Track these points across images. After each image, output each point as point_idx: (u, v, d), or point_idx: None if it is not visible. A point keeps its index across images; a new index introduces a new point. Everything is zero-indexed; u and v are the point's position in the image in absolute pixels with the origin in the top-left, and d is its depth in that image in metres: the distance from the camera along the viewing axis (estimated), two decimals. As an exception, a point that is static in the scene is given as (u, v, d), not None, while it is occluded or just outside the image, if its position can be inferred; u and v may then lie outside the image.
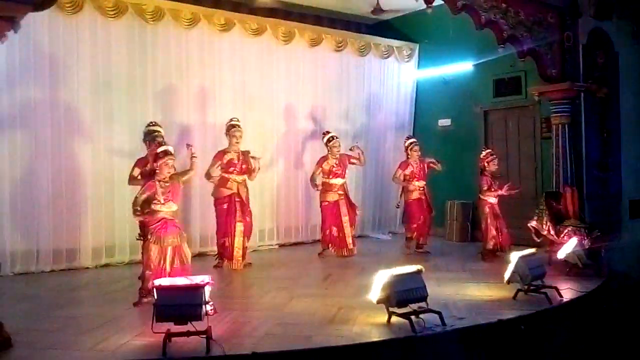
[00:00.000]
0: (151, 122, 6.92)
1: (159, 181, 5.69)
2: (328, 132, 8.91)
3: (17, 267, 7.40)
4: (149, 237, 5.64)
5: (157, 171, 5.73)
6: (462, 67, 10.40)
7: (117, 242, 8.12)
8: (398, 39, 11.31)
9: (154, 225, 5.64)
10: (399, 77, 11.39)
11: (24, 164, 7.57)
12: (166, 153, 5.74)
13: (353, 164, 8.98)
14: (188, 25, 8.70)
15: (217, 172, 7.68)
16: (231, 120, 7.97)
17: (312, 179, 8.78)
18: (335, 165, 8.65)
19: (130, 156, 7.20)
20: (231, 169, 7.77)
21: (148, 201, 5.73)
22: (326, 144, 8.73)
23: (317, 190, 8.78)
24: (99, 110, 8.11)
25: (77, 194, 7.88)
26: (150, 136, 6.62)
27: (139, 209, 5.70)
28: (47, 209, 7.66)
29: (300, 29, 10.04)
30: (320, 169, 8.69)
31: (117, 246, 8.12)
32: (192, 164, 6.08)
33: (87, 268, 7.83)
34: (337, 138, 8.77)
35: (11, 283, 6.58)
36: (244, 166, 7.87)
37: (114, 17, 8.05)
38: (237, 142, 7.85)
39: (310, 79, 10.29)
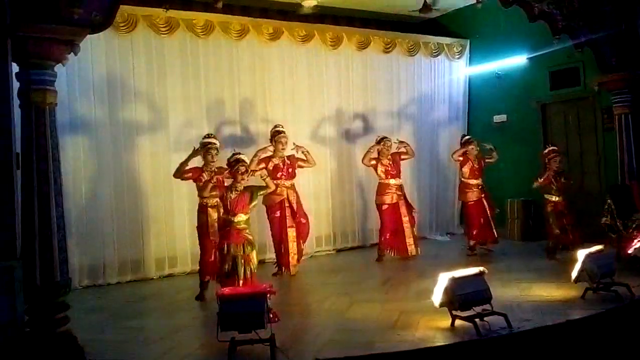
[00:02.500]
0: (207, 135, 7.10)
1: (230, 189, 5.74)
2: (379, 135, 8.87)
3: (85, 281, 7.67)
4: (219, 247, 5.69)
5: (232, 179, 5.77)
6: (516, 60, 10.13)
7: (179, 253, 8.30)
8: (448, 37, 11.15)
9: (222, 234, 5.70)
10: (450, 75, 11.22)
11: (87, 179, 7.84)
12: (238, 161, 5.79)
13: (404, 159, 8.87)
14: (237, 36, 8.84)
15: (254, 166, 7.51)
16: (275, 127, 8.05)
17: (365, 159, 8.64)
18: (389, 165, 8.58)
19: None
20: (279, 174, 7.82)
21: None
22: (378, 143, 8.66)
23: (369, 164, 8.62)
24: (156, 124, 8.33)
25: (138, 207, 8.11)
26: (205, 148, 6.79)
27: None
28: (111, 222, 7.91)
29: (348, 32, 10.03)
30: (374, 162, 8.58)
31: (179, 257, 8.30)
32: (268, 183, 6.15)
33: (151, 279, 8.03)
34: (387, 138, 8.71)
35: (80, 296, 6.81)
36: (290, 170, 7.93)
37: (167, 33, 8.26)
38: (283, 149, 7.91)
39: (360, 82, 10.25)
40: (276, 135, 7.91)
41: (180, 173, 6.81)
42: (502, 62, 10.41)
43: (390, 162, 8.60)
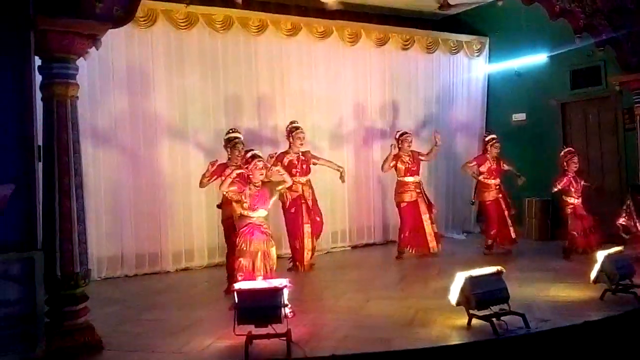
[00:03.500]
0: (231, 129, 7.12)
1: (249, 184, 5.78)
2: (399, 130, 8.84)
3: (104, 272, 7.76)
4: (238, 242, 5.73)
5: (249, 175, 5.81)
6: (536, 59, 10.03)
7: (196, 246, 8.36)
8: (467, 34, 11.07)
9: (241, 230, 5.73)
10: (469, 73, 11.15)
11: (107, 173, 7.92)
12: (254, 157, 5.82)
13: (422, 160, 8.82)
14: (256, 32, 8.86)
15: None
16: (292, 123, 8.04)
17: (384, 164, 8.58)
18: (409, 162, 8.55)
19: (206, 163, 7.44)
20: (293, 171, 7.78)
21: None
22: (397, 140, 8.62)
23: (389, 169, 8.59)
24: (175, 118, 8.40)
25: (156, 201, 8.17)
26: (231, 143, 6.79)
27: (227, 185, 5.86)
28: (130, 215, 7.99)
29: (367, 29, 10.00)
30: (394, 162, 8.53)
31: (196, 250, 8.36)
32: (285, 178, 6.15)
33: (168, 272, 8.10)
34: (408, 134, 8.67)
35: (99, 287, 6.87)
36: (304, 166, 7.92)
37: (186, 28, 8.30)
38: (301, 144, 7.90)
39: (379, 79, 10.23)
40: (294, 131, 7.90)
41: (203, 184, 6.77)
42: (522, 60, 10.31)
43: (411, 159, 8.56)
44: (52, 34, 4.50)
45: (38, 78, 4.63)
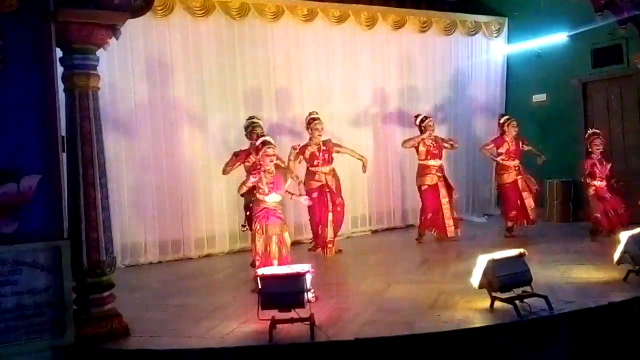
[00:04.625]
0: (250, 116, 7.18)
1: (264, 171, 5.84)
2: (419, 115, 8.76)
3: (128, 260, 7.86)
4: (255, 227, 5.83)
5: (260, 162, 5.88)
6: (556, 38, 9.88)
7: (218, 233, 8.43)
8: (485, 14, 10.92)
9: (257, 215, 5.83)
10: (487, 54, 11.03)
11: (128, 161, 7.98)
12: (264, 143, 5.88)
13: (446, 148, 8.78)
14: (272, 18, 8.82)
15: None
16: (311, 114, 8.03)
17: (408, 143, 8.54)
18: (432, 146, 8.50)
19: (225, 150, 7.50)
20: (315, 162, 7.82)
21: (251, 190, 5.93)
22: (419, 125, 8.58)
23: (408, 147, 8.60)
24: (194, 107, 8.43)
25: (178, 188, 8.24)
26: (250, 128, 6.85)
27: (245, 189, 5.95)
28: (152, 203, 8.06)
29: (383, 12, 9.90)
30: (416, 144, 8.49)
31: (218, 236, 8.43)
32: (293, 179, 6.38)
33: (191, 258, 8.19)
34: (430, 118, 8.62)
35: (123, 274, 6.90)
36: (326, 156, 7.92)
37: (202, 16, 8.30)
38: (320, 135, 7.90)
39: (396, 62, 10.15)
40: (312, 122, 7.89)
41: (226, 172, 6.94)
42: (542, 40, 10.15)
43: (433, 142, 8.52)
44: (72, 25, 4.53)
45: (60, 70, 4.67)
